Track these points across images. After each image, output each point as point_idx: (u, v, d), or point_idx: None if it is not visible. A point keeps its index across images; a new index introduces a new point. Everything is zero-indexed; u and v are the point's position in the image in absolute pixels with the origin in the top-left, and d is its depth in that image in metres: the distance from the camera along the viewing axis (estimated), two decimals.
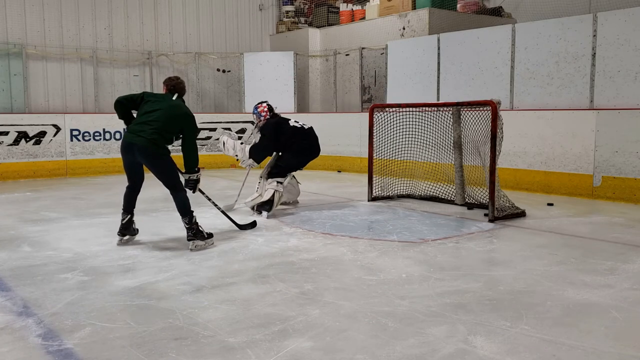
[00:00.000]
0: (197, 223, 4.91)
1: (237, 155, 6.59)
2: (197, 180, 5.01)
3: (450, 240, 5.21)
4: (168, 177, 4.86)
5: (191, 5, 12.82)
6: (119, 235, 5.04)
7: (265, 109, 6.61)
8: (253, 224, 5.74)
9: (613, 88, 7.43)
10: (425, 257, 4.61)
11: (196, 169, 4.98)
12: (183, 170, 4.99)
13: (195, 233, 4.87)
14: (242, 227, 5.61)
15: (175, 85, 5.08)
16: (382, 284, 3.87)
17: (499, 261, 4.63)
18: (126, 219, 5.01)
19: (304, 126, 6.69)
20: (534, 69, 8.24)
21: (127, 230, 5.04)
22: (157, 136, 4.73)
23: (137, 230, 5.17)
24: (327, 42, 12.66)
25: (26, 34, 10.79)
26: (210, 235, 4.98)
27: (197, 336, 2.99)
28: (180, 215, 4.91)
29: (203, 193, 5.36)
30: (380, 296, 3.62)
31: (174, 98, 5.00)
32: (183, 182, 4.97)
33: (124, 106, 4.99)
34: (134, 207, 5.06)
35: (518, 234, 5.55)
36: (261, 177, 6.56)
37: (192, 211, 4.93)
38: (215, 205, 5.57)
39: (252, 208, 6.50)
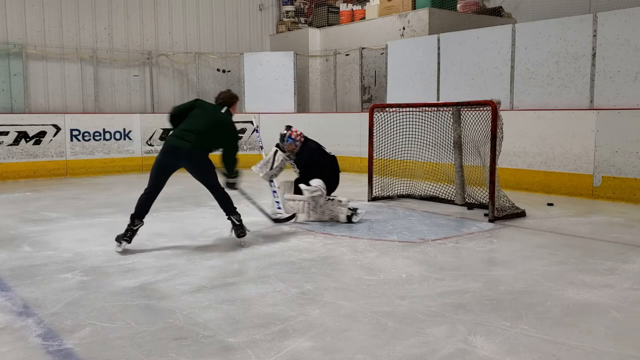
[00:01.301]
0: (242, 220, 5.04)
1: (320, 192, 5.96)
2: (236, 183, 5.11)
3: (450, 240, 5.21)
4: (207, 176, 4.91)
5: (191, 5, 12.82)
6: (125, 241, 4.78)
7: (299, 133, 6.19)
8: (291, 217, 5.92)
9: (613, 88, 7.42)
10: (425, 257, 4.61)
11: (235, 171, 5.05)
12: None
13: (244, 230, 5.01)
14: (279, 221, 5.86)
15: (224, 99, 5.16)
16: (382, 284, 3.87)
17: (499, 261, 4.63)
18: (139, 226, 4.81)
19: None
20: (534, 69, 8.24)
21: (132, 238, 4.81)
22: (200, 143, 4.81)
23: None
24: (327, 42, 12.66)
25: (26, 34, 10.79)
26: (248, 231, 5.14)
27: (197, 336, 2.99)
28: (227, 213, 5.00)
29: (244, 194, 5.42)
30: (380, 296, 3.62)
31: (222, 111, 5.07)
32: (222, 183, 5.04)
33: (176, 118, 5.06)
34: (146, 214, 4.87)
35: (518, 234, 5.55)
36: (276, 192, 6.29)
37: (236, 208, 5.03)
38: (256, 204, 5.65)
39: (275, 220, 5.97)
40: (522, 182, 8.25)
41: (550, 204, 7.10)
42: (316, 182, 5.89)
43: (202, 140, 4.83)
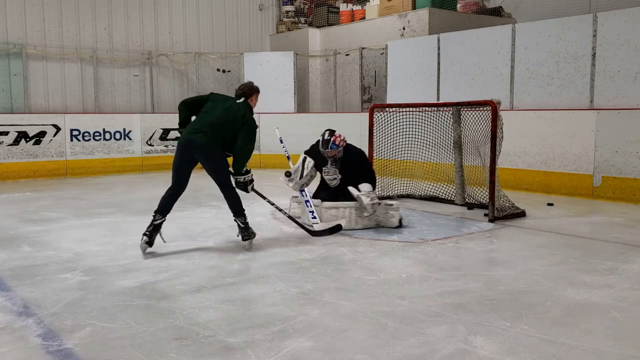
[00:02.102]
0: (248, 223, 4.91)
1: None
2: (247, 182, 4.91)
3: (450, 240, 5.21)
4: (220, 174, 4.81)
5: (191, 5, 12.82)
6: (146, 244, 4.67)
7: (343, 138, 5.82)
8: (337, 228, 5.33)
9: (613, 88, 7.43)
10: (425, 257, 4.61)
11: (244, 170, 4.88)
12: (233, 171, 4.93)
13: (250, 233, 4.89)
14: (317, 234, 5.27)
15: (242, 90, 5.09)
16: (382, 284, 3.87)
17: (499, 261, 4.63)
18: (160, 221, 4.73)
19: None
20: (534, 69, 8.24)
21: (153, 237, 4.71)
22: (214, 135, 4.72)
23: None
24: (327, 42, 12.66)
25: (26, 34, 10.79)
26: (254, 234, 5.00)
27: (197, 336, 2.99)
28: (233, 214, 4.88)
29: (261, 195, 5.19)
30: (380, 296, 3.62)
31: (238, 101, 4.97)
32: (233, 182, 4.93)
33: (187, 108, 4.95)
34: (169, 212, 4.83)
35: (518, 234, 5.55)
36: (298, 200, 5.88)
37: (244, 210, 4.90)
38: (279, 208, 5.36)
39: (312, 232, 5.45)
40: (522, 182, 8.25)
41: (550, 204, 7.10)
42: (366, 187, 5.49)
43: (217, 133, 4.73)
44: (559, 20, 8.00)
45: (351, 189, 5.52)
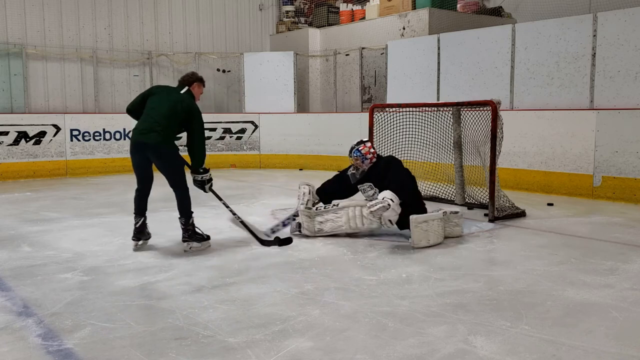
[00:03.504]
0: (193, 224, 4.86)
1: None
2: (204, 181, 4.84)
3: (450, 240, 5.20)
4: (173, 174, 4.75)
5: (191, 5, 12.82)
6: (133, 240, 4.88)
7: (372, 151, 5.42)
8: (287, 241, 5.01)
9: (613, 88, 7.42)
10: (425, 257, 4.61)
11: (202, 169, 4.81)
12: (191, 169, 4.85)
13: (191, 234, 4.82)
14: (267, 244, 4.97)
15: (184, 79, 4.97)
16: (382, 284, 3.87)
17: (499, 261, 4.63)
18: (139, 222, 4.85)
19: None
20: (534, 69, 8.24)
21: (142, 234, 4.90)
22: (163, 130, 4.63)
23: (150, 233, 5.01)
24: (327, 42, 12.66)
25: (26, 34, 10.79)
26: (207, 238, 4.93)
27: (197, 336, 2.99)
28: (179, 214, 4.85)
29: (217, 196, 5.05)
30: (380, 296, 3.62)
31: (181, 92, 4.86)
32: (191, 182, 4.84)
33: (135, 110, 4.89)
34: (146, 210, 4.92)
35: (518, 234, 5.55)
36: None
37: (192, 212, 4.88)
38: (232, 212, 5.14)
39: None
40: (522, 182, 8.25)
41: (550, 204, 7.10)
42: (386, 194, 4.79)
43: (167, 129, 4.63)
44: (559, 20, 8.00)
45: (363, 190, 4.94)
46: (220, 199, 5.08)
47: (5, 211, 6.86)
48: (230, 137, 12.01)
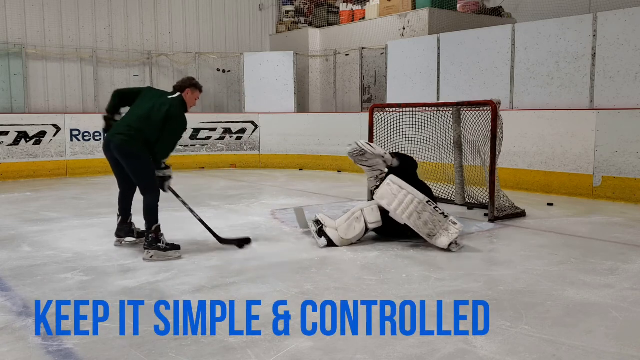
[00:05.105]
0: (157, 232, 4.58)
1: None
2: (165, 178, 4.70)
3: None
4: (138, 177, 4.63)
5: (191, 5, 12.82)
6: (115, 236, 5.05)
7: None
8: (245, 241, 5.00)
9: (613, 88, 7.42)
10: (425, 257, 4.61)
11: (164, 165, 4.69)
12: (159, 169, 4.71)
13: (151, 242, 4.54)
14: (225, 242, 4.96)
15: (178, 84, 4.84)
16: (382, 284, 3.87)
17: (499, 261, 4.63)
18: (118, 220, 5.01)
19: None
20: (534, 69, 8.24)
21: (122, 232, 5.01)
22: (135, 133, 4.52)
23: (138, 233, 5.01)
24: (327, 42, 12.66)
25: (26, 34, 10.79)
26: (174, 247, 4.64)
27: (197, 336, 2.99)
28: (144, 219, 4.62)
29: (176, 194, 4.93)
30: (380, 296, 3.62)
31: (171, 97, 4.73)
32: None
33: (119, 97, 4.85)
34: (130, 210, 4.96)
35: (518, 234, 5.55)
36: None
37: (157, 220, 4.63)
38: (191, 210, 5.02)
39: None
40: (522, 182, 8.25)
41: (550, 204, 7.10)
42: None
43: (139, 132, 4.51)
44: (559, 20, 8.00)
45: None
46: (178, 197, 4.97)
47: (5, 211, 6.87)
48: (230, 137, 12.01)
